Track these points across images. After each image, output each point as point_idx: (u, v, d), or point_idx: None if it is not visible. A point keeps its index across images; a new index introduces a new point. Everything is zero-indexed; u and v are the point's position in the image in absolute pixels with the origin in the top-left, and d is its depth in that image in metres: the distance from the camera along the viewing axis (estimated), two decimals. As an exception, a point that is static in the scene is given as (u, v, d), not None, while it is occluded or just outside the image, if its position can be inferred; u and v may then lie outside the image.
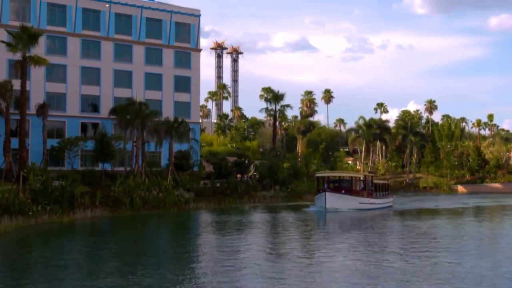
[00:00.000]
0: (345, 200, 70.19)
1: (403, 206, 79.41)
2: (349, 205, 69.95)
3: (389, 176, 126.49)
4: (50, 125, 78.73)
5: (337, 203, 69.14)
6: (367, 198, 74.20)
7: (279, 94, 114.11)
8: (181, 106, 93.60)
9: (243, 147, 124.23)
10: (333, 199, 69.10)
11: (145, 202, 65.29)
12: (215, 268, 31.46)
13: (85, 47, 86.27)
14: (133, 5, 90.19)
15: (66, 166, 78.40)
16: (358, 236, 46.11)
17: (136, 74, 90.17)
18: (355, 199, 71.78)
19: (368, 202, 73.68)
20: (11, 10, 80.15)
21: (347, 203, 69.95)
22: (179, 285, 27.27)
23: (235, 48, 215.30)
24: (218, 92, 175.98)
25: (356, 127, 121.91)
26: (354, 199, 71.72)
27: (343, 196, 70.91)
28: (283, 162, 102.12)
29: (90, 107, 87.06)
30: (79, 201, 58.45)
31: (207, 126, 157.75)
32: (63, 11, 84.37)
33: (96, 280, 28.13)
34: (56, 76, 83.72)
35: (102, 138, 75.81)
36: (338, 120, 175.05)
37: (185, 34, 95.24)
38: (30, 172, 55.58)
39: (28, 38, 59.23)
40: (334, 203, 68.91)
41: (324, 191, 70.16)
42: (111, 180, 70.68)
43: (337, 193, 71.19)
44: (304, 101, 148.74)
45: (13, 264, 33.29)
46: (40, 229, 48.72)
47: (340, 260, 33.90)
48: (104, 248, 39.35)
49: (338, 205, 68.94)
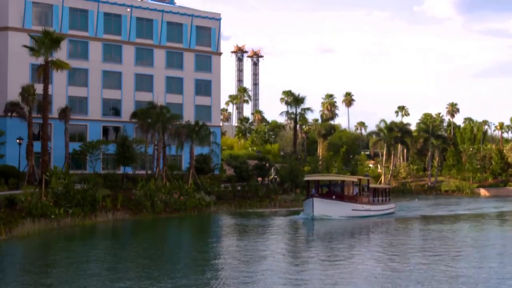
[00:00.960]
0: (335, 207, 63.53)
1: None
2: (340, 212, 63.38)
3: (411, 179, 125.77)
4: (72, 129, 79.27)
5: (327, 210, 62.45)
6: (361, 205, 67.44)
7: (299, 97, 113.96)
8: (202, 109, 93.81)
9: (263, 151, 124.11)
10: (322, 205, 62.25)
11: (166, 206, 65.44)
12: (233, 273, 31.41)
13: (107, 51, 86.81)
14: (154, 9, 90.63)
15: (88, 169, 78.85)
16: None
17: (157, 78, 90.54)
18: (347, 206, 65.17)
19: (363, 209, 67.14)
20: (34, 15, 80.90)
21: (338, 210, 63.30)
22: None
23: (256, 52, 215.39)
24: (238, 96, 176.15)
25: (377, 130, 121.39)
26: (346, 205, 65.09)
27: (334, 202, 64.10)
28: (304, 166, 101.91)
29: (111, 110, 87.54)
30: (101, 204, 58.72)
31: (227, 130, 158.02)
32: (85, 16, 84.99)
33: (115, 283, 28.22)
34: (78, 80, 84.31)
35: (124, 141, 76.18)
36: (359, 123, 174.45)
37: (205, 37, 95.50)
38: (53, 176, 55.94)
39: (50, 42, 59.61)
40: (323, 210, 62.17)
41: (312, 197, 63.17)
42: (133, 183, 70.99)
43: (326, 199, 64.29)
44: (325, 104, 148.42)
45: (36, 267, 33.51)
46: (63, 232, 49.02)
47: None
48: (125, 252, 39.49)
49: (328, 212, 62.30)
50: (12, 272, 31.54)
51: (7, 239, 42.57)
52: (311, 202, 62.32)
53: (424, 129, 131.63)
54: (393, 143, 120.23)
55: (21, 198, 52.19)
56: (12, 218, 47.25)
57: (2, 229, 43.52)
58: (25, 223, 46.69)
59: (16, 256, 38.30)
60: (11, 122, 73.44)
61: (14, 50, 77.01)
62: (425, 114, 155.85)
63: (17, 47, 73.86)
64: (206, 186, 75.12)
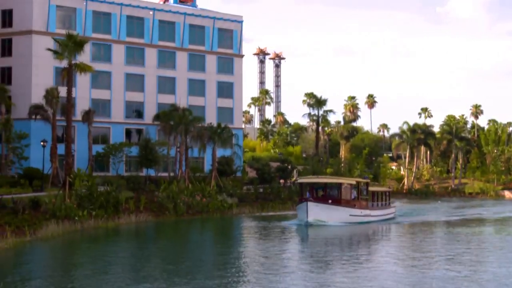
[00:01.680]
0: (331, 212, 58.95)
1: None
2: (337, 218, 58.85)
3: (434, 181, 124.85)
4: (95, 131, 79.74)
5: (322, 215, 58.01)
6: (360, 209, 63.06)
7: (321, 99, 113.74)
8: (224, 111, 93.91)
9: (286, 153, 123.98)
10: (316, 210, 57.61)
11: (189, 207, 65.59)
12: (251, 277, 31.35)
13: (129, 54, 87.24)
14: (176, 12, 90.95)
15: (111, 171, 79.29)
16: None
17: (179, 80, 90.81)
18: (344, 210, 60.70)
19: (361, 214, 62.92)
20: (58, 19, 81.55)
21: (334, 215, 58.84)
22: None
23: (278, 54, 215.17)
24: (260, 98, 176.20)
25: (400, 132, 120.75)
26: (343, 210, 60.59)
27: (330, 206, 59.50)
28: (326, 168, 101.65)
29: (134, 113, 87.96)
30: (124, 206, 58.98)
31: (250, 132, 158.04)
32: (108, 19, 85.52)
33: (138, 284, 28.31)
34: (101, 82, 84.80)
35: (146, 144, 76.50)
36: (381, 125, 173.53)
37: (227, 40, 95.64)
38: (76, 178, 56.33)
39: (74, 45, 60.13)
40: (318, 215, 57.73)
41: (306, 201, 58.27)
42: (155, 185, 71.27)
43: (321, 203, 59.41)
44: (347, 106, 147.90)
45: (60, 268, 33.74)
46: (86, 234, 49.33)
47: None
48: (148, 253, 39.63)
49: (324, 218, 57.91)
50: (37, 273, 31.79)
51: (32, 240, 42.94)
52: (305, 207, 57.53)
53: (447, 131, 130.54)
54: (416, 145, 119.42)
55: (45, 200, 52.62)
56: (37, 220, 47.66)
57: (26, 230, 43.91)
58: (49, 225, 47.05)
59: (41, 257, 38.60)
60: (35, 124, 74.06)
61: (38, 53, 77.67)
62: (448, 115, 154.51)
63: (41, 50, 74.49)
64: (228, 188, 75.18)
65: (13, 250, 38.65)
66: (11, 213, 47.01)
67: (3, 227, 42.89)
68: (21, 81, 79.00)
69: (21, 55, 79.57)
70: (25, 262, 35.54)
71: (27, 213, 48.36)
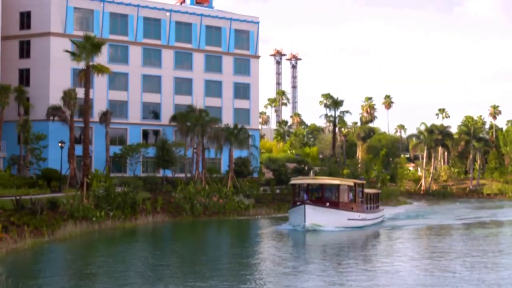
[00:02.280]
0: (330, 215, 54.70)
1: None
2: (335, 222, 54.53)
3: (452, 182, 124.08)
4: (112, 132, 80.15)
5: (320, 219, 53.53)
6: (357, 213, 58.63)
7: (338, 100, 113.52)
8: (241, 112, 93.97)
9: (302, 154, 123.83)
10: (315, 214, 53.27)
11: (206, 208, 65.67)
12: (267, 280, 31.31)
13: (146, 55, 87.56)
14: (193, 13, 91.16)
15: (128, 172, 79.62)
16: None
17: (196, 82, 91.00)
18: (342, 214, 56.21)
19: (359, 218, 58.48)
20: (75, 21, 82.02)
21: (332, 220, 54.48)
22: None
23: (294, 55, 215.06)
24: (277, 99, 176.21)
25: (417, 133, 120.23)
26: (341, 214, 56.17)
27: (328, 210, 55.29)
28: (343, 169, 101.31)
29: (151, 114, 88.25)
30: (141, 207, 59.18)
31: (266, 133, 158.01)
32: (125, 21, 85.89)
33: (155, 285, 28.38)
34: (118, 84, 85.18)
35: (163, 145, 76.72)
36: (398, 126, 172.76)
37: (244, 41, 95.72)
38: (94, 179, 56.59)
39: (91, 47, 60.38)
40: (316, 219, 53.29)
41: (303, 204, 53.79)
42: (172, 186, 71.44)
43: (320, 206, 55.27)
44: (364, 107, 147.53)
45: (77, 268, 33.91)
46: (104, 234, 49.55)
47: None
48: (164, 254, 39.73)
49: (322, 222, 53.46)
50: (55, 273, 31.96)
51: (50, 241, 43.19)
52: (303, 210, 53.10)
53: (465, 131, 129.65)
54: (433, 146, 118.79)
55: (63, 200, 52.93)
56: (55, 221, 47.94)
57: (44, 231, 44.17)
58: (67, 225, 47.31)
59: (59, 257, 38.81)
60: (53, 126, 74.57)
61: (56, 55, 78.16)
62: (466, 116, 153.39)
63: (59, 52, 74.95)
64: (245, 189, 75.19)
65: (32, 250, 38.91)
66: (30, 214, 47.33)
67: (21, 228, 43.18)
68: (39, 82, 79.55)
69: (39, 57, 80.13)
70: (44, 262, 35.76)
71: (45, 213, 48.65)
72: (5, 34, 78.86)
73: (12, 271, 30.46)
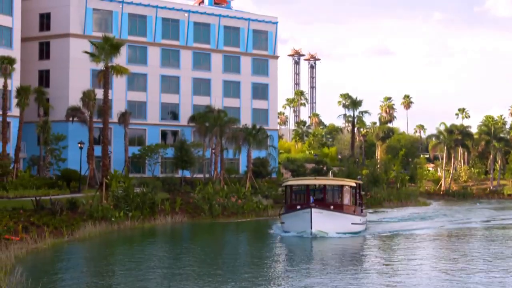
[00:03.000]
0: (335, 220, 48.46)
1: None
2: (339, 227, 48.40)
3: (472, 183, 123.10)
4: (131, 133, 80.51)
5: (326, 224, 47.21)
6: (359, 217, 52.56)
7: (357, 100, 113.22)
8: (259, 113, 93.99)
9: (321, 154, 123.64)
10: (321, 218, 46.95)
11: (224, 209, 65.63)
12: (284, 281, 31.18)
13: (165, 56, 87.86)
14: (211, 14, 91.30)
15: (146, 173, 79.95)
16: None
17: (214, 82, 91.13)
18: (346, 218, 50.11)
19: (360, 222, 52.45)
20: (94, 22, 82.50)
21: (338, 225, 48.40)
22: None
23: (313, 55, 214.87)
24: (295, 99, 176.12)
25: (436, 133, 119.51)
26: (345, 218, 50.06)
27: (334, 214, 48.96)
28: (362, 169, 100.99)
29: (169, 115, 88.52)
30: (160, 208, 59.27)
31: (285, 133, 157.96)
32: (144, 21, 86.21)
33: (170, 285, 28.39)
34: (137, 85, 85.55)
35: (182, 145, 76.87)
36: (418, 126, 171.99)
37: (262, 41, 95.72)
38: (113, 179, 56.72)
39: (110, 48, 60.54)
40: (322, 224, 47.01)
41: (309, 208, 47.06)
42: (191, 187, 71.55)
43: (325, 209, 48.39)
44: (383, 107, 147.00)
45: (97, 267, 34.02)
46: (123, 235, 49.67)
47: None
48: (183, 255, 39.75)
49: (327, 228, 47.35)
50: (74, 273, 32.08)
51: (69, 241, 43.38)
52: (308, 215, 46.68)
53: (485, 131, 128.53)
54: (453, 146, 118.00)
55: (83, 201, 53.16)
56: (74, 221, 48.15)
57: (64, 231, 44.37)
58: (87, 226, 47.48)
59: (78, 257, 38.97)
60: (73, 126, 75.02)
61: (75, 56, 78.64)
62: (486, 116, 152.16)
63: (78, 53, 75.41)
64: (263, 189, 75.09)
65: (52, 250, 39.09)
66: (49, 214, 47.57)
67: (41, 228, 43.42)
68: (59, 83, 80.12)
69: (59, 58, 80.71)
70: (63, 262, 35.90)
71: (64, 214, 48.88)
72: (25, 36, 79.47)
73: (32, 270, 30.61)
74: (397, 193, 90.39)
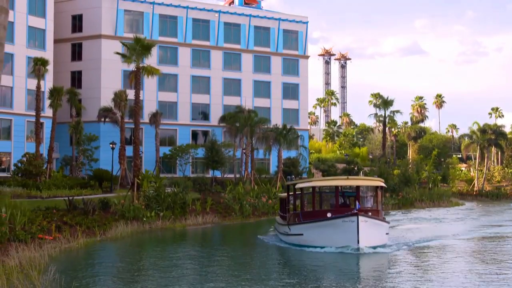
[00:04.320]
0: (376, 231, 38.17)
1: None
2: (378, 240, 38.49)
3: (506, 183, 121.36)
4: (162, 133, 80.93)
5: (370, 237, 36.91)
6: (387, 224, 41.28)
7: (388, 99, 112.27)
8: (290, 113, 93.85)
9: (352, 154, 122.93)
10: (366, 229, 36.49)
11: (255, 209, 65.58)
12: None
13: (195, 56, 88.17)
14: (241, 14, 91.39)
15: (177, 173, 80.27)
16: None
17: (244, 82, 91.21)
18: (384, 228, 39.96)
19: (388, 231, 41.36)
20: (125, 23, 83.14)
21: (377, 237, 38.29)
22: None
23: (343, 54, 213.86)
24: (326, 99, 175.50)
25: (469, 132, 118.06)
26: (383, 227, 39.90)
27: (376, 223, 38.48)
28: (393, 169, 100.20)
29: (200, 115, 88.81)
30: (191, 208, 59.41)
31: (315, 133, 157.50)
32: (174, 22, 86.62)
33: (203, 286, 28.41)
34: (168, 85, 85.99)
35: (212, 145, 77.05)
36: (450, 126, 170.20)
37: (293, 41, 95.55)
38: (144, 179, 57.01)
39: (141, 49, 60.85)
40: (367, 237, 36.59)
41: (355, 215, 36.23)
42: (221, 187, 71.64)
43: (370, 217, 37.57)
44: (415, 107, 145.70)
45: (129, 267, 34.19)
46: (154, 235, 49.86)
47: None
48: (215, 255, 39.74)
49: (371, 241, 37.09)
50: (107, 273, 32.28)
51: (102, 240, 43.69)
52: (354, 225, 36.07)
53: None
54: (486, 146, 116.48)
55: (114, 201, 53.51)
56: (106, 221, 48.50)
57: (96, 231, 44.72)
58: (118, 225, 47.77)
59: (111, 256, 39.21)
60: (105, 127, 75.66)
61: (107, 57, 79.32)
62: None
63: (110, 54, 76.05)
64: (294, 189, 74.84)
65: (84, 250, 39.40)
66: (82, 214, 48.00)
67: (74, 228, 43.82)
68: (91, 84, 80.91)
69: (91, 59, 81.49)
70: (96, 261, 36.16)
71: (97, 213, 49.27)
72: (58, 37, 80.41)
73: (65, 269, 30.87)
74: (429, 193, 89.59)
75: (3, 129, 74.12)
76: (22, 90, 74.70)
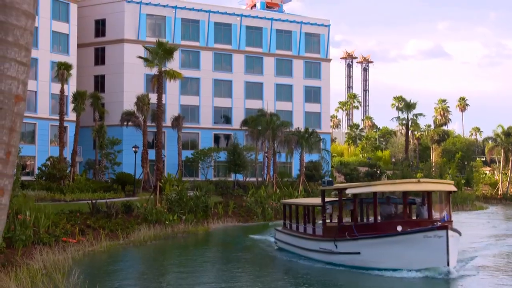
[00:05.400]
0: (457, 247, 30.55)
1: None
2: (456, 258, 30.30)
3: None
4: (184, 137, 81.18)
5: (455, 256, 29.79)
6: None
7: (411, 102, 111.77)
8: (312, 116, 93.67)
9: (374, 157, 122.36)
10: (455, 246, 29.33)
11: (277, 212, 65.46)
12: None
13: (217, 60, 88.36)
14: (263, 17, 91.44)
15: (200, 176, 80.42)
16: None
17: (266, 86, 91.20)
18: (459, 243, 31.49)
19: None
20: (148, 27, 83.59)
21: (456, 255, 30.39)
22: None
23: (365, 57, 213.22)
24: (348, 102, 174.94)
25: (493, 135, 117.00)
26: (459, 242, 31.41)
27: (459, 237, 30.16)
28: (416, 172, 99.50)
29: (222, 118, 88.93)
30: (213, 211, 59.48)
31: (337, 136, 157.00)
32: (196, 26, 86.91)
33: None
34: (190, 89, 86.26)
35: (234, 149, 77.10)
36: (474, 129, 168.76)
37: (314, 44, 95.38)
38: (166, 183, 57.18)
39: (163, 53, 61.09)
40: (454, 257, 29.46)
41: (445, 229, 28.39)
42: (243, 190, 71.65)
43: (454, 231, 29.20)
44: (438, 110, 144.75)
45: (153, 270, 34.28)
46: (177, 238, 49.95)
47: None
48: (238, 259, 39.71)
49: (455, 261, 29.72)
50: (130, 276, 32.40)
51: (124, 244, 43.85)
52: (443, 241, 28.34)
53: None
54: (511, 149, 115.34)
55: (137, 204, 53.67)
56: (129, 224, 48.67)
57: (119, 234, 44.90)
58: (141, 229, 47.93)
59: (134, 260, 39.35)
60: (127, 131, 76.04)
61: (130, 61, 79.77)
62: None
63: (132, 58, 76.46)
64: (316, 193, 74.65)
65: (108, 253, 39.56)
66: (105, 217, 48.21)
67: (97, 231, 44.04)
68: (114, 88, 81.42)
69: (114, 63, 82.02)
70: (119, 264, 36.30)
71: (120, 217, 49.47)
72: (81, 42, 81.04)
73: (89, 272, 31.03)
74: (453, 197, 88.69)
75: (28, 133, 74.84)
76: (46, 95, 75.42)
